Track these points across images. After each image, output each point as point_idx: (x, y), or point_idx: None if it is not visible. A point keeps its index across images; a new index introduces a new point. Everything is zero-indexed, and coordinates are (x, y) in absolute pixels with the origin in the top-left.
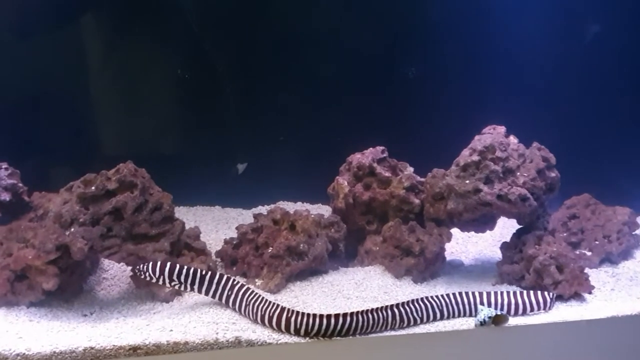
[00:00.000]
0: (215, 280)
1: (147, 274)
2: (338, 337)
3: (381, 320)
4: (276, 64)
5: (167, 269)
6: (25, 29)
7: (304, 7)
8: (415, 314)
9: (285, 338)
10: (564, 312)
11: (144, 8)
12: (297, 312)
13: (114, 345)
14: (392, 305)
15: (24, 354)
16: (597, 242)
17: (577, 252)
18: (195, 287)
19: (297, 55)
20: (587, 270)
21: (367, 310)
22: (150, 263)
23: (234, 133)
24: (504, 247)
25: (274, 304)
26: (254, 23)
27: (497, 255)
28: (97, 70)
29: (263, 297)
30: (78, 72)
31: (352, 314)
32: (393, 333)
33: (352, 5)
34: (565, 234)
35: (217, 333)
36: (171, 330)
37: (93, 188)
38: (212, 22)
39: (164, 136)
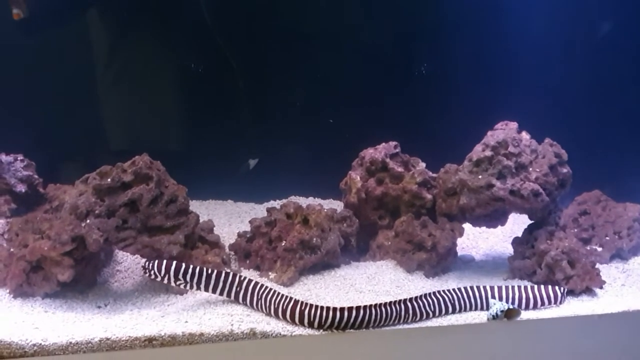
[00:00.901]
0: (222, 279)
1: (153, 272)
2: (351, 330)
3: (394, 314)
4: (289, 60)
5: (172, 268)
6: (38, 23)
7: (318, 4)
8: (427, 307)
9: (299, 330)
10: (576, 307)
11: (159, 2)
12: (311, 305)
13: (129, 336)
14: (404, 299)
15: (41, 344)
16: (607, 238)
17: (588, 248)
18: (202, 286)
19: (310, 52)
20: (598, 265)
21: (380, 304)
22: (156, 261)
23: (246, 128)
24: (516, 242)
25: (287, 296)
26: (268, 19)
27: (508, 250)
28: (111, 64)
29: (275, 290)
30: (92, 66)
31: (365, 307)
32: (406, 326)
33: (365, 3)
34: (576, 230)
35: (232, 325)
36: (186, 322)
37: (109, 180)
38: (226, 17)
39: (177, 130)
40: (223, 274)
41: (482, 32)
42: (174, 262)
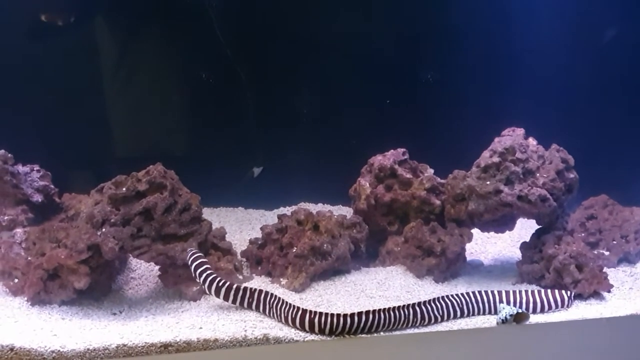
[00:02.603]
0: (233, 291)
1: (188, 258)
2: (362, 335)
3: (402, 318)
4: (297, 68)
5: (195, 263)
6: (53, 33)
7: (325, 12)
8: (436, 311)
9: (311, 336)
10: (584, 310)
11: (169, 13)
12: (320, 313)
13: (145, 343)
14: (413, 303)
15: (59, 350)
16: (614, 242)
17: (596, 252)
18: (212, 292)
19: (318, 59)
20: (605, 269)
21: (389, 308)
22: (193, 251)
23: (255, 135)
24: (524, 247)
25: (295, 306)
26: (275, 27)
27: (516, 255)
28: (122, 74)
29: (285, 300)
30: (103, 75)
31: (374, 311)
32: (416, 330)
33: (372, 10)
34: (583, 234)
35: (245, 330)
36: (201, 328)
37: (124, 189)
38: (235, 26)
39: (187, 138)
40: (234, 287)
41: (489, 38)
42: (199, 260)
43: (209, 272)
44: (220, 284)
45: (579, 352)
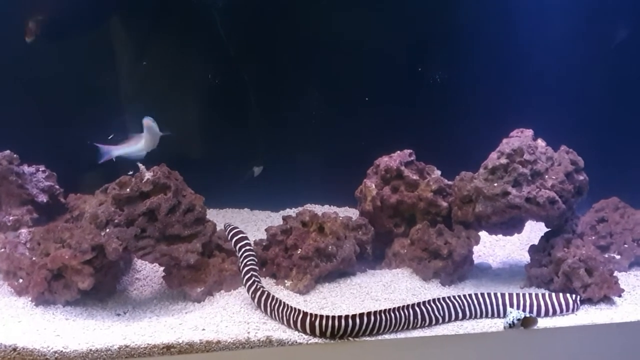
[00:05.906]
0: (249, 283)
1: (228, 231)
2: (366, 337)
3: (404, 319)
4: (303, 69)
5: (232, 238)
6: (59, 35)
7: (330, 13)
8: (438, 312)
9: (315, 338)
10: (594, 315)
11: (174, 17)
12: (321, 316)
13: (148, 344)
14: (414, 304)
15: (62, 351)
16: (626, 246)
17: (606, 256)
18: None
19: (324, 60)
20: (616, 273)
21: (390, 309)
22: (232, 227)
23: (261, 137)
24: (532, 250)
25: (296, 309)
26: (281, 28)
27: (525, 258)
28: (128, 75)
29: (286, 303)
30: (111, 77)
31: (375, 312)
32: (422, 334)
33: (378, 11)
34: (593, 238)
35: (248, 332)
36: (203, 330)
37: (128, 190)
38: (239, 27)
39: (193, 140)
40: (248, 275)
41: (497, 39)
42: (237, 236)
43: (239, 251)
44: (248, 275)
45: (588, 358)
